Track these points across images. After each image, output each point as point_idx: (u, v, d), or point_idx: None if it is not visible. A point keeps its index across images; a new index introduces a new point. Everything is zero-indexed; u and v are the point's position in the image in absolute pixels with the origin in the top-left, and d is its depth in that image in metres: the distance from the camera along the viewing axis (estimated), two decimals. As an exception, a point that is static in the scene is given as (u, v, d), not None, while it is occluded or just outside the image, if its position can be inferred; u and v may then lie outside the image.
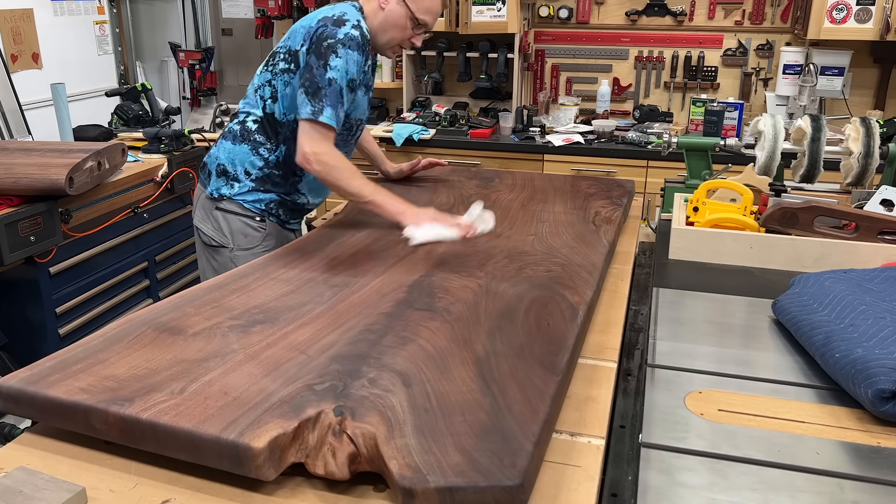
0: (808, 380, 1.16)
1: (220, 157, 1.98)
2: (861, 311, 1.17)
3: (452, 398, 0.99)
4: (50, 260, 2.60)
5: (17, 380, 1.03)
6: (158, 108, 3.78)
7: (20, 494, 0.87)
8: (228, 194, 1.97)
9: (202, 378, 1.03)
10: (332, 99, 1.78)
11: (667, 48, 3.96)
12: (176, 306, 1.29)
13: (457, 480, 0.83)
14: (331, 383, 1.02)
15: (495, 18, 3.77)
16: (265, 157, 1.95)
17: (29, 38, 3.76)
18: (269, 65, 1.94)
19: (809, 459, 0.96)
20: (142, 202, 3.02)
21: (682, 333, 1.33)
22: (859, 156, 1.89)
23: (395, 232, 1.74)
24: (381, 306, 1.30)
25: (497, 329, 1.22)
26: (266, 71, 1.94)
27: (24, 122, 3.41)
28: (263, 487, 0.91)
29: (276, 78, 1.91)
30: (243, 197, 1.97)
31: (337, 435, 0.91)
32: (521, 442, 0.90)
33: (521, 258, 1.57)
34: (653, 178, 3.47)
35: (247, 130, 1.96)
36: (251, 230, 1.98)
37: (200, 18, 4.60)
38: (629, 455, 1.05)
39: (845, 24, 3.35)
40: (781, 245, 1.66)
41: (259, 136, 1.95)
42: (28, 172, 2.47)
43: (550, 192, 2.10)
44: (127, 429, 0.95)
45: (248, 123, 1.96)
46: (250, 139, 1.95)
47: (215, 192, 1.98)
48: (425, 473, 0.84)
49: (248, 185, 1.96)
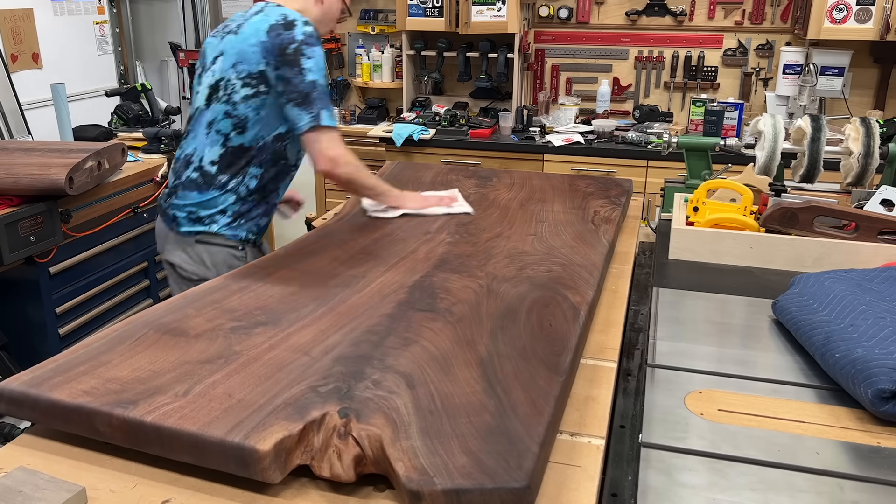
0: (808, 380, 1.17)
1: (189, 208, 1.89)
2: (861, 311, 1.17)
3: (457, 399, 1.00)
4: (50, 260, 2.60)
5: (19, 382, 1.03)
6: (158, 108, 3.78)
7: (20, 494, 0.87)
8: (208, 231, 1.89)
9: (206, 380, 1.03)
10: (322, 100, 1.77)
11: (667, 48, 3.96)
12: (177, 308, 1.29)
13: (463, 482, 0.83)
14: (335, 385, 1.02)
15: (495, 18, 3.77)
16: (237, 192, 1.88)
17: (29, 38, 3.76)
18: (220, 97, 1.83)
19: (809, 459, 0.96)
20: (142, 202, 3.02)
21: (682, 333, 1.34)
22: (859, 156, 1.89)
23: (395, 231, 1.75)
24: (383, 307, 1.30)
25: (499, 330, 1.22)
26: (217, 103, 1.84)
27: (24, 122, 3.41)
28: (269, 489, 0.92)
29: (238, 107, 1.81)
30: (224, 231, 1.90)
31: (342, 437, 0.91)
32: (526, 443, 0.90)
33: (522, 258, 1.57)
34: (653, 178, 3.48)
35: (208, 175, 1.86)
36: (234, 260, 1.91)
37: (200, 18, 4.60)
38: (629, 455, 1.05)
39: (845, 24, 3.35)
40: (781, 245, 1.66)
41: (223, 177, 1.86)
42: (28, 172, 2.48)
43: (549, 192, 2.10)
44: (131, 432, 0.95)
45: (205, 167, 1.86)
46: (215, 183, 1.86)
47: (192, 231, 1.89)
48: (432, 475, 0.84)
49: (225, 222, 1.89)
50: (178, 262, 1.93)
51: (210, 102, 1.86)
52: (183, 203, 1.90)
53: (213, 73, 1.87)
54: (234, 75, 1.81)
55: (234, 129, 1.84)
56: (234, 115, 1.83)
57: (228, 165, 1.86)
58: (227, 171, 1.86)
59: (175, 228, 1.92)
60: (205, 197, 1.87)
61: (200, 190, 1.88)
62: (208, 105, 1.86)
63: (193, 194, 1.88)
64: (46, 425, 1.04)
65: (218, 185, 1.87)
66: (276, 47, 1.76)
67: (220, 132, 1.84)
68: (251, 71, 1.79)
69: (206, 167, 1.86)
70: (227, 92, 1.82)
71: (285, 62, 1.75)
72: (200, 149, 1.87)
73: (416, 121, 3.91)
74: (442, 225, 1.81)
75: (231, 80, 1.81)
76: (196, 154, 1.88)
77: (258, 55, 1.78)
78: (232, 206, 1.89)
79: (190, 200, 1.89)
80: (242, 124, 1.83)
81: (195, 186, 1.88)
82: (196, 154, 1.88)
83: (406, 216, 1.87)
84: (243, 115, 1.82)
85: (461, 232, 1.75)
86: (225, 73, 1.83)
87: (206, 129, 1.86)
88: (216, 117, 1.84)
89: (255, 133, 1.85)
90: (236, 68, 1.81)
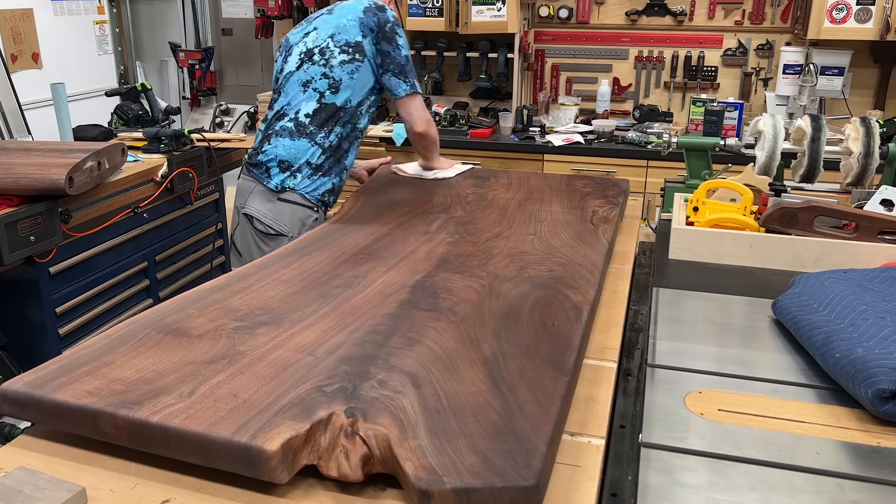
0: (808, 380, 1.17)
1: (279, 154, 2.16)
2: (861, 311, 1.18)
3: (463, 399, 1.00)
4: (50, 260, 2.60)
5: (22, 384, 1.03)
6: (158, 108, 3.78)
7: (20, 494, 0.87)
8: (292, 185, 2.15)
9: (210, 380, 1.03)
10: (414, 72, 2.17)
11: (667, 48, 3.96)
12: (179, 308, 1.29)
13: (472, 481, 0.84)
14: (340, 385, 1.02)
15: (495, 18, 3.77)
16: (322, 146, 2.16)
17: (29, 38, 3.76)
18: (317, 61, 2.13)
19: (809, 459, 0.97)
20: (142, 202, 3.02)
21: (682, 333, 1.34)
22: (859, 156, 1.90)
23: (395, 231, 1.76)
24: (386, 307, 1.31)
25: (503, 329, 1.22)
26: (314, 66, 2.14)
27: (24, 122, 3.41)
28: (276, 489, 0.92)
29: (335, 70, 2.12)
30: (305, 188, 2.16)
31: (349, 437, 0.91)
32: (534, 442, 0.90)
33: (522, 258, 1.58)
34: (653, 178, 3.48)
35: (301, 125, 2.15)
36: (310, 220, 2.18)
37: (200, 18, 4.60)
38: (629, 455, 1.06)
39: (845, 23, 3.35)
40: (781, 245, 1.66)
41: (313, 128, 2.15)
42: (28, 172, 2.47)
43: (547, 192, 2.11)
44: (137, 432, 0.95)
45: (300, 118, 2.15)
46: (306, 132, 2.14)
47: (279, 184, 2.15)
48: (441, 475, 0.84)
49: (308, 173, 2.15)
50: (258, 215, 2.17)
51: (302, 65, 2.16)
52: (273, 151, 2.17)
53: (306, 43, 2.18)
54: (332, 44, 2.13)
55: (329, 89, 2.14)
56: (331, 77, 2.13)
57: (319, 120, 2.15)
58: (317, 124, 2.15)
59: (263, 181, 2.18)
60: (296, 144, 2.15)
61: (293, 137, 2.15)
62: (300, 68, 2.17)
63: (286, 140, 2.16)
64: (50, 426, 1.03)
65: (308, 134, 2.15)
66: (375, 24, 2.11)
67: (317, 90, 2.14)
68: (349, 40, 2.12)
69: (300, 118, 2.16)
70: (325, 57, 2.13)
71: (385, 38, 2.11)
72: (295, 103, 2.17)
73: (416, 120, 3.91)
74: (442, 225, 1.82)
75: (329, 47, 2.13)
76: (291, 107, 2.18)
77: (356, 28, 2.12)
78: (316, 159, 2.17)
79: (281, 147, 2.16)
80: (336, 85, 2.13)
81: (288, 133, 2.16)
82: (291, 107, 2.18)
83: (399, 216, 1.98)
84: (338, 78, 2.13)
85: (461, 232, 1.76)
86: (321, 42, 2.15)
87: (301, 87, 2.16)
88: (314, 76, 2.14)
89: (347, 95, 2.15)
90: (334, 38, 2.13)
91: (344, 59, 2.12)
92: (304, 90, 2.15)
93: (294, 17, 4.22)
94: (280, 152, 2.16)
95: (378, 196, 2.11)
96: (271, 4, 4.18)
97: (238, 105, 4.67)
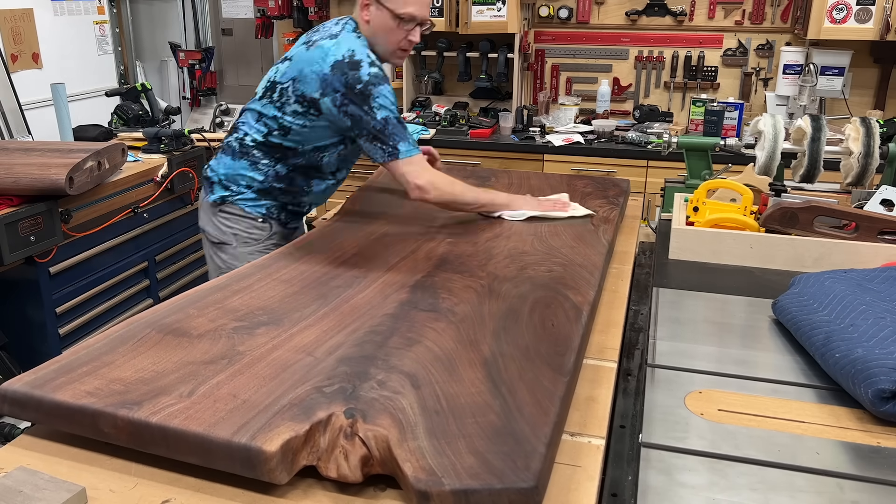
0: (808, 380, 1.17)
1: (219, 171, 2.02)
2: (861, 311, 1.18)
3: (462, 400, 1.00)
4: (50, 260, 2.60)
5: (22, 384, 1.03)
6: (158, 108, 3.78)
7: (20, 494, 0.87)
8: (230, 199, 2.01)
9: (210, 381, 1.03)
10: (397, 132, 1.80)
11: (667, 48, 3.96)
12: (179, 308, 1.29)
13: (471, 483, 0.84)
14: (340, 385, 1.02)
15: (495, 18, 3.77)
16: (265, 172, 1.98)
17: (29, 38, 3.76)
18: (275, 100, 1.90)
19: (809, 459, 0.97)
20: (142, 202, 3.02)
21: (682, 333, 1.34)
22: (859, 156, 1.90)
23: (395, 231, 1.76)
24: (385, 307, 1.30)
25: (502, 330, 1.22)
26: (270, 104, 1.91)
27: (24, 122, 3.41)
28: (275, 489, 0.92)
29: (286, 118, 1.89)
30: (244, 203, 2.01)
31: (349, 437, 0.91)
32: (533, 444, 0.91)
33: (522, 258, 1.58)
34: (653, 178, 3.48)
35: (245, 147, 1.97)
36: (255, 230, 2.03)
37: (200, 18, 4.60)
38: (629, 455, 1.06)
39: (845, 24, 3.35)
40: (781, 245, 1.66)
41: (257, 153, 1.97)
42: (28, 172, 2.48)
43: (547, 192, 2.11)
44: (136, 433, 0.95)
45: (246, 141, 1.97)
46: (248, 155, 1.97)
47: (218, 199, 2.03)
48: (440, 476, 0.85)
49: (249, 194, 2.01)
50: (206, 227, 2.07)
51: (264, 95, 1.94)
52: (216, 166, 2.03)
53: (278, 70, 1.94)
54: (291, 89, 1.87)
55: (278, 130, 1.92)
56: (281, 121, 1.90)
57: (263, 149, 1.96)
58: (261, 151, 1.96)
59: (206, 195, 2.05)
60: (235, 164, 1.99)
61: (234, 157, 1.99)
62: (262, 97, 1.94)
63: (227, 159, 2.01)
64: (50, 426, 1.04)
65: (249, 157, 1.97)
66: (342, 85, 1.79)
67: (266, 125, 1.94)
68: (305, 94, 1.84)
69: (246, 141, 1.97)
70: (281, 100, 1.89)
71: (354, 101, 1.78)
72: (247, 128, 1.98)
73: (417, 121, 3.91)
74: (441, 225, 1.82)
75: (288, 91, 1.88)
76: (241, 127, 2.00)
77: (316, 84, 1.82)
78: (257, 184, 1.99)
79: (222, 165, 2.01)
80: (286, 130, 1.91)
81: (231, 152, 2.00)
82: (241, 127, 2.00)
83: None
84: (288, 125, 1.90)
85: (461, 232, 1.76)
86: (284, 80, 1.89)
87: (256, 114, 1.96)
88: (266, 114, 1.93)
89: (297, 140, 1.93)
90: (294, 84, 1.86)
91: (297, 111, 1.87)
92: (257, 119, 1.95)
93: (294, 17, 4.22)
94: (220, 169, 2.02)
95: (378, 196, 2.11)
96: (271, 4, 4.18)
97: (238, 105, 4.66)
